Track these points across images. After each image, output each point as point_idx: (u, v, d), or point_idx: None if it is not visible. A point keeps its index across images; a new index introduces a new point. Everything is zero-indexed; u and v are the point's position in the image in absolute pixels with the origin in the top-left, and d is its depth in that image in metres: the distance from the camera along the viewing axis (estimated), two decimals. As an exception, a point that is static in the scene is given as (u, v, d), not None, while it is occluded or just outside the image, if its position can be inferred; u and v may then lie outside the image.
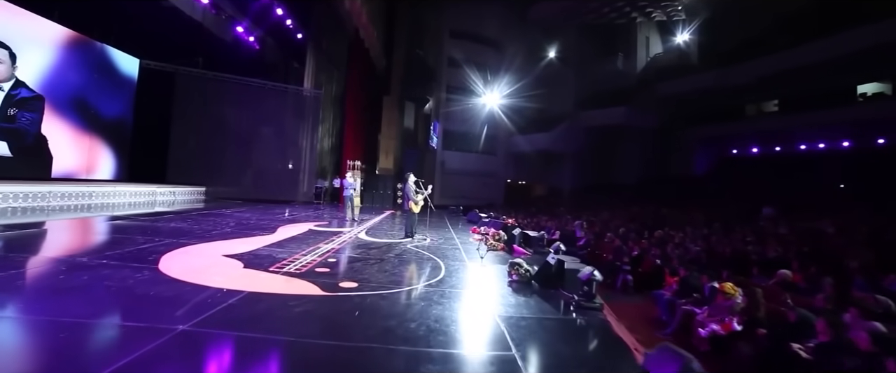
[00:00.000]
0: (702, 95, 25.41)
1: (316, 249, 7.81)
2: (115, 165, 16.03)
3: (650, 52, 29.26)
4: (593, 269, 5.40)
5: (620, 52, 28.88)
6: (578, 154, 28.77)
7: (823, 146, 23.08)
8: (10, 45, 12.40)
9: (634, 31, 28.88)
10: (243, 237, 8.49)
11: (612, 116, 26.93)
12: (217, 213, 12.64)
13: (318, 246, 8.11)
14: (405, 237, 10.00)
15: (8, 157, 12.57)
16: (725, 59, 23.74)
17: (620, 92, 27.65)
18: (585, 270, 5.43)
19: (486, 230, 12.04)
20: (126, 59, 16.08)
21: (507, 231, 11.17)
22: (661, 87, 26.94)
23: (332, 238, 9.26)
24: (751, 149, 26.40)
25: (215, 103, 17.50)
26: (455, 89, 25.67)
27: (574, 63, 29.13)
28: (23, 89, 12.87)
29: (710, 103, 25.62)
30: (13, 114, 12.70)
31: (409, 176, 10.14)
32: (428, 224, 11.09)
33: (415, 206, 9.95)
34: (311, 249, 7.77)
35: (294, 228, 10.43)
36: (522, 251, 9.16)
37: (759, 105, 25.01)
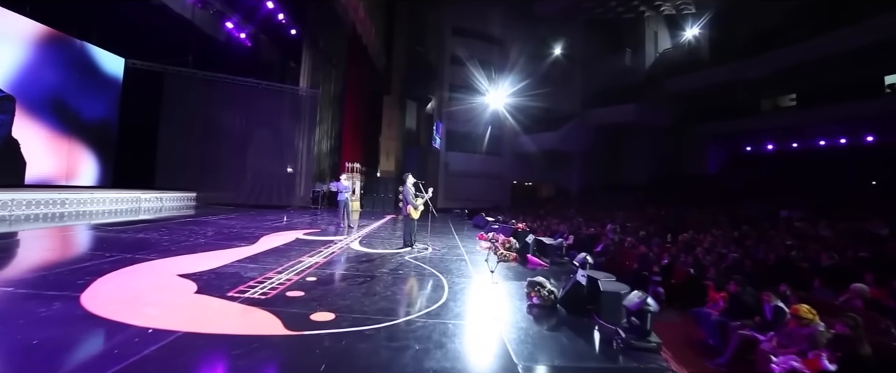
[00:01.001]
0: (714, 90, 23.98)
1: (297, 263, 6.51)
2: (99, 171, 14.84)
3: (659, 47, 27.84)
4: (647, 295, 4.05)
5: (628, 48, 27.48)
6: (586, 153, 27.35)
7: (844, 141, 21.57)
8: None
9: (642, 26, 27.48)
10: (215, 250, 7.20)
11: (621, 114, 25.51)
12: (201, 220, 11.38)
13: (300, 259, 6.80)
14: (404, 247, 8.68)
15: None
16: (738, 53, 22.31)
17: (629, 89, 26.24)
18: (634, 298, 4.08)
19: (495, 237, 10.69)
20: (110, 59, 14.91)
21: (519, 238, 9.83)
22: (671, 84, 25.53)
23: (320, 249, 7.95)
24: (766, 145, 24.89)
25: (206, 104, 16.29)
26: (458, 88, 24.37)
27: (581, 60, 27.76)
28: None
29: (723, 99, 24.15)
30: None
31: (408, 177, 8.83)
32: (429, 230, 9.77)
33: (414, 211, 8.63)
34: (292, 263, 6.47)
35: (280, 237, 9.14)
36: (538, 262, 7.81)
37: (775, 100, 23.50)
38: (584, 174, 27.65)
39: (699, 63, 24.87)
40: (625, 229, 12.58)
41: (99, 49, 14.45)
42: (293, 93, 17.56)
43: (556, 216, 18.07)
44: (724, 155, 26.08)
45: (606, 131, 26.97)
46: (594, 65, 27.96)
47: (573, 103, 27.60)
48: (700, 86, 24.35)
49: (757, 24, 22.68)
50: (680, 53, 26.77)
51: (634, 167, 26.58)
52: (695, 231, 12.06)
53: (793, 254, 8.79)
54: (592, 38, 27.89)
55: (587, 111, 27.33)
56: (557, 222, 15.92)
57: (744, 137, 25.24)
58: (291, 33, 16.75)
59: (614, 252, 10.52)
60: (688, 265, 8.48)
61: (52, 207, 11.10)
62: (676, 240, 11.20)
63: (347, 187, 11.71)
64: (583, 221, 15.79)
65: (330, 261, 6.93)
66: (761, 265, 8.35)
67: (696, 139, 25.93)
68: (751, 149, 25.69)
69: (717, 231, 11.79)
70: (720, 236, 11.01)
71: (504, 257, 7.87)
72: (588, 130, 26.96)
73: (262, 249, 7.63)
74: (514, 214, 18.18)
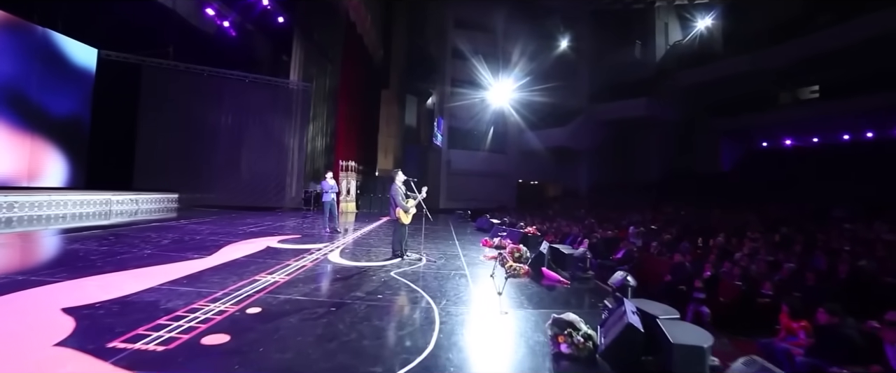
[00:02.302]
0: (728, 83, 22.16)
1: (248, 284, 4.92)
2: (69, 171, 13.33)
3: (669, 39, 26.02)
4: (764, 363, 2.41)
5: (638, 41, 25.69)
6: (595, 150, 25.63)
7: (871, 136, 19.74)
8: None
9: (652, 17, 25.67)
10: (155, 265, 5.62)
11: (631, 109, 23.76)
12: (169, 225, 9.82)
13: (256, 278, 5.21)
14: (392, 258, 7.07)
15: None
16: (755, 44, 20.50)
17: (639, 83, 24.48)
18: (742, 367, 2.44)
19: (501, 242, 9.05)
20: (80, 49, 13.39)
21: (530, 245, 8.20)
22: (683, 77, 23.73)
23: (289, 262, 6.35)
24: (783, 140, 23.07)
25: (189, 99, 14.75)
26: (461, 83, 22.72)
27: (588, 53, 26.04)
28: (-66, 80, 10.21)
29: (738, 92, 22.30)
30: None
31: (397, 175, 7.22)
32: (423, 236, 8.13)
33: (404, 214, 7.01)
34: (241, 284, 4.88)
35: (247, 245, 7.55)
36: (555, 277, 6.16)
37: (795, 92, 21.65)
38: (592, 172, 25.94)
39: (712, 55, 23.06)
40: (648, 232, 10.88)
41: (66, 38, 12.93)
42: (283, 87, 15.98)
43: (565, 217, 16.37)
44: (739, 151, 24.23)
45: (615, 127, 25.24)
46: (602, 58, 26.23)
47: (580, 98, 25.90)
48: (713, 79, 22.54)
49: (775, 13, 20.87)
50: (692, 45, 24.94)
51: (645, 164, 24.79)
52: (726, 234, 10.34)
53: (862, 264, 7.05)
54: (600, 30, 26.16)
55: (595, 106, 25.62)
56: (568, 224, 14.23)
57: (759, 132, 23.41)
58: (279, 21, 15.17)
59: (639, 260, 8.85)
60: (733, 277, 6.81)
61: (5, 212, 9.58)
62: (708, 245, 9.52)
63: (334, 187, 10.13)
64: (596, 223, 14.09)
65: (293, 280, 5.32)
66: (828, 279, 6.63)
67: (708, 135, 24.11)
68: (767, 144, 23.87)
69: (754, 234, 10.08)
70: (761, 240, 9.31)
71: (513, 271, 6.23)
72: (596, 126, 25.25)
73: (216, 262, 6.04)
74: (521, 214, 16.51)
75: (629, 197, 20.83)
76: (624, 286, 4.04)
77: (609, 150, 25.76)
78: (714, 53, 23.01)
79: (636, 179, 24.39)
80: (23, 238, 7.53)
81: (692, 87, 23.59)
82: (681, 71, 23.73)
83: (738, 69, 21.25)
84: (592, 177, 25.66)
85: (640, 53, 25.47)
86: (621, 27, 25.92)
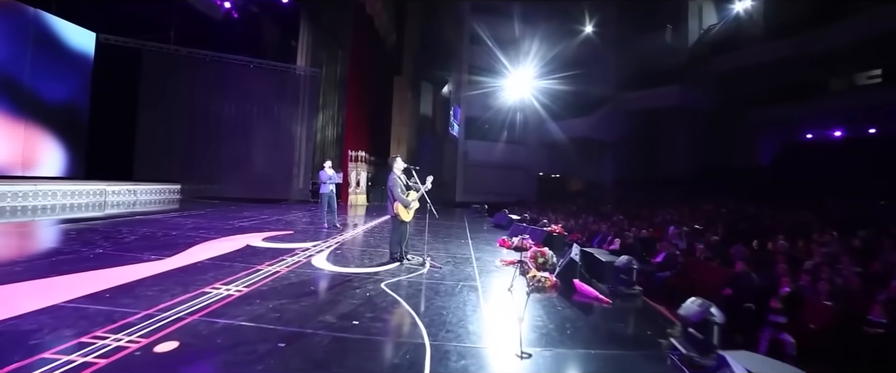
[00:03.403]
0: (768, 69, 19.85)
1: (190, 300, 3.68)
2: (67, 160, 12.53)
3: (703, 22, 23.70)
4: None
5: (668, 25, 23.50)
6: (621, 142, 23.69)
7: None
8: None
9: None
10: (91, 270, 4.48)
11: (661, 98, 21.71)
12: (151, 219, 8.81)
13: (204, 291, 3.98)
14: (389, 261, 5.76)
15: None
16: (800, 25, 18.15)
17: (670, 70, 22.35)
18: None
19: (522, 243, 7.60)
20: (77, 33, 12.50)
21: (555, 246, 6.77)
22: (718, 63, 21.50)
23: (263, 266, 5.11)
24: (832, 132, 20.61)
25: (191, 86, 13.77)
26: (479, 70, 21.14)
27: (615, 38, 23.97)
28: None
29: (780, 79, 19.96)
30: None
31: (395, 162, 5.88)
32: (429, 233, 6.77)
33: (403, 210, 5.67)
34: (179, 300, 3.65)
35: (224, 243, 6.37)
36: (592, 293, 4.71)
37: (851, 77, 19.23)
38: (618, 165, 24.02)
39: (751, 39, 20.75)
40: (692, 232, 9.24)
41: (62, 21, 12.05)
42: (290, 72, 14.84)
43: (591, 213, 14.76)
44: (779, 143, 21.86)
45: (644, 117, 23.20)
46: (630, 44, 24.10)
47: (606, 86, 23.92)
48: (752, 64, 20.26)
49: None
50: (728, 29, 22.60)
51: (675, 157, 22.72)
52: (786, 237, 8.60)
53: None
54: (628, 13, 24.04)
55: (622, 95, 23.62)
56: (595, 221, 12.65)
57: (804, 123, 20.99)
58: (284, 2, 13.97)
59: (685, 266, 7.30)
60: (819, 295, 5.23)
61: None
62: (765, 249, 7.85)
63: (332, 178, 8.88)
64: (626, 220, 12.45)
65: (252, 294, 4.06)
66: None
67: (745, 125, 21.82)
68: (813, 136, 21.44)
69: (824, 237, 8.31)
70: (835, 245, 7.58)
71: (537, 284, 4.81)
72: (623, 116, 23.28)
73: (171, 266, 4.86)
74: (542, 210, 14.99)
75: (659, 192, 18.97)
76: (706, 323, 2.62)
77: (636, 141, 23.77)
78: (753, 37, 20.71)
79: (666, 172, 22.40)
80: (-23, 233, 6.55)
81: (728, 74, 21.35)
82: (716, 56, 21.53)
83: (780, 54, 18.98)
84: (619, 170, 23.77)
85: (672, 38, 23.30)
86: (650, 10, 23.74)
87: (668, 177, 21.70)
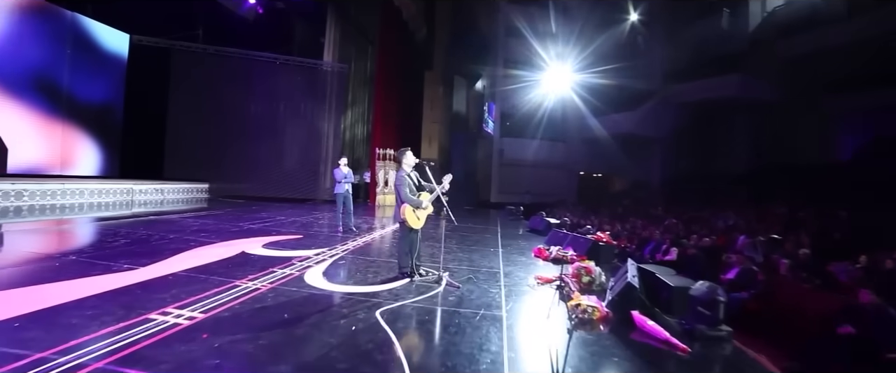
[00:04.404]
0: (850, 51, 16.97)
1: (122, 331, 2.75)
2: (102, 159, 12.49)
3: (767, 4, 20.93)
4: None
5: (725, 9, 20.93)
6: (670, 138, 21.43)
7: None
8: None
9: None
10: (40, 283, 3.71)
11: (717, 88, 19.27)
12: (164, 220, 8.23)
13: (149, 317, 3.04)
14: (398, 277, 4.66)
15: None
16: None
17: (727, 57, 19.86)
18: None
19: (561, 254, 6.28)
20: (112, 35, 12.44)
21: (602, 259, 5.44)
22: (786, 47, 18.77)
23: (241, 281, 4.16)
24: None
25: (218, 84, 13.41)
26: (514, 63, 19.68)
27: (663, 26, 21.74)
28: (-44, 64, 9.43)
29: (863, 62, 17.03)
30: (-56, 94, 9.31)
31: (405, 156, 4.77)
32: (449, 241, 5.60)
33: (412, 215, 4.56)
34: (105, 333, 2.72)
35: (216, 250, 5.53)
36: (660, 333, 3.35)
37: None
38: (667, 163, 21.76)
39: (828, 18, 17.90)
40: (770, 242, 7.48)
41: (98, 23, 12.00)
42: (317, 69, 14.18)
43: (639, 216, 13.01)
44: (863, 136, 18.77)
45: (696, 110, 20.79)
46: (680, 31, 21.74)
47: (653, 79, 21.71)
48: (828, 47, 17.45)
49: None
50: (798, 9, 19.76)
51: (734, 153, 20.18)
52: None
53: None
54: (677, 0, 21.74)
55: (671, 87, 21.33)
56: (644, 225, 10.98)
57: (895, 112, 17.84)
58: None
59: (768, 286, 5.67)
60: None
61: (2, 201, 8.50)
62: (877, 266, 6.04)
63: (347, 176, 7.94)
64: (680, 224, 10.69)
65: (205, 322, 3.07)
66: None
67: (819, 116, 18.91)
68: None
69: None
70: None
71: (582, 317, 3.54)
72: (672, 110, 21.01)
73: (139, 278, 4.03)
74: (584, 212, 13.43)
75: (715, 192, 16.74)
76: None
77: (688, 137, 21.43)
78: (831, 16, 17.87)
79: (722, 170, 19.94)
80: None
81: (798, 60, 18.57)
82: (783, 40, 18.83)
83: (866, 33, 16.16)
84: (667, 168, 21.54)
85: (729, 23, 20.72)
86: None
87: (724, 175, 19.24)
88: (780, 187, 15.77)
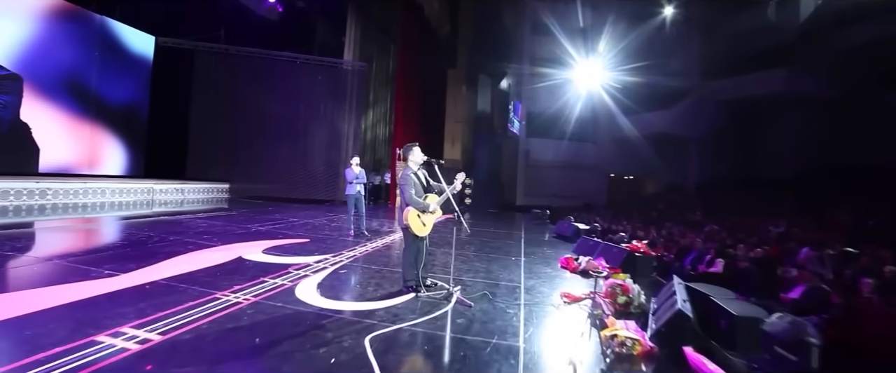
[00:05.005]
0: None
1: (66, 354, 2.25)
2: (128, 159, 12.58)
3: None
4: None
5: (772, 0, 19.25)
6: (708, 138, 19.91)
7: None
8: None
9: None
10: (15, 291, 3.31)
11: (764, 84, 17.72)
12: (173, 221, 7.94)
13: (101, 340, 2.53)
14: (402, 291, 4.04)
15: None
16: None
17: (774, 51, 18.20)
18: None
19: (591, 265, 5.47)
20: (138, 37, 12.51)
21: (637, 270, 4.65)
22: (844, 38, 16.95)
23: (225, 293, 3.65)
24: None
25: (239, 85, 13.29)
26: (541, 61, 18.78)
27: (701, 19, 20.26)
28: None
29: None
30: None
31: (411, 152, 4.18)
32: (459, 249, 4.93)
33: (416, 220, 3.93)
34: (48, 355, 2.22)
35: (211, 255, 5.08)
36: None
37: None
38: (704, 164, 20.24)
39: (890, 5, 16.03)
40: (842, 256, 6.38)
41: (125, 26, 12.09)
42: (337, 68, 13.84)
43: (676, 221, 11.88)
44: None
45: (738, 108, 19.19)
46: (720, 24, 20.18)
47: (689, 75, 20.25)
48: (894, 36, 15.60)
49: None
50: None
51: (781, 154, 18.45)
52: None
53: None
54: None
55: (709, 84, 19.82)
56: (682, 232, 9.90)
57: None
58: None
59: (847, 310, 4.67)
60: None
61: (27, 199, 8.51)
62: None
63: (359, 177, 7.39)
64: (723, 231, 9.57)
65: (161, 346, 2.54)
66: None
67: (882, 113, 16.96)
68: None
69: None
70: None
71: (620, 351, 2.79)
72: (710, 108, 19.50)
73: (114, 287, 3.59)
74: (615, 216, 12.42)
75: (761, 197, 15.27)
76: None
77: (727, 136, 19.82)
78: (894, 2, 15.99)
79: (768, 172, 18.26)
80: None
81: (857, 51, 16.76)
82: (840, 31, 17.03)
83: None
84: (705, 170, 20.03)
85: (776, 14, 19.04)
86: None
87: (771, 178, 17.58)
88: (836, 190, 14.18)
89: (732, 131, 19.82)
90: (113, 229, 6.98)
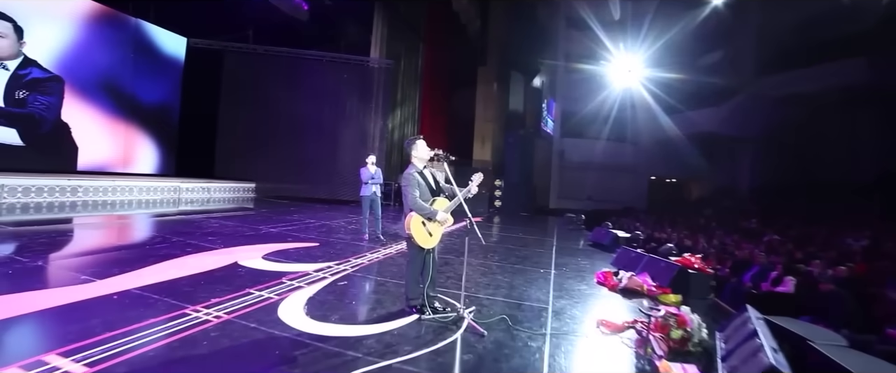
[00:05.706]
0: None
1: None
2: (160, 158, 12.71)
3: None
4: None
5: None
6: (763, 138, 17.98)
7: None
8: (15, 18, 9.37)
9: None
10: None
11: (833, 77, 15.67)
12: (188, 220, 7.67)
13: (41, 360, 2.01)
14: (404, 311, 3.35)
15: (19, 146, 9.59)
16: None
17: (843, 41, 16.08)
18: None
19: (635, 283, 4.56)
20: (170, 38, 12.64)
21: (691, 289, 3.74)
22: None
23: (196, 307, 3.10)
24: None
25: (266, 84, 13.17)
26: (577, 57, 17.62)
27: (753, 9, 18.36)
28: (34, 69, 9.80)
29: None
30: (23, 97, 9.67)
31: (414, 147, 3.47)
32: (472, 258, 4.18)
33: (420, 229, 3.23)
34: None
35: (213, 258, 4.61)
36: None
37: None
38: (758, 167, 18.31)
39: None
40: None
41: (158, 28, 12.24)
42: (364, 65, 13.43)
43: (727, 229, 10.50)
44: None
45: (798, 105, 17.16)
46: (776, 13, 18.19)
47: (741, 70, 18.36)
48: None
49: None
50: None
51: (856, 156, 16.27)
52: None
53: None
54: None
55: (764, 80, 17.88)
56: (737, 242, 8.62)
57: None
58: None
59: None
60: None
61: (59, 196, 8.58)
62: None
63: (375, 177, 6.82)
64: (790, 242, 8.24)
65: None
66: None
67: None
68: None
69: None
70: None
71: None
72: (766, 105, 17.56)
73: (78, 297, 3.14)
74: (657, 222, 11.21)
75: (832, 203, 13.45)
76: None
77: (787, 136, 17.80)
78: None
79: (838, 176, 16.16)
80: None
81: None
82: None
83: None
84: (759, 173, 18.12)
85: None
86: (812, -33, 17.60)
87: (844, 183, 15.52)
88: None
89: (793, 130, 17.78)
90: (119, 229, 6.74)
